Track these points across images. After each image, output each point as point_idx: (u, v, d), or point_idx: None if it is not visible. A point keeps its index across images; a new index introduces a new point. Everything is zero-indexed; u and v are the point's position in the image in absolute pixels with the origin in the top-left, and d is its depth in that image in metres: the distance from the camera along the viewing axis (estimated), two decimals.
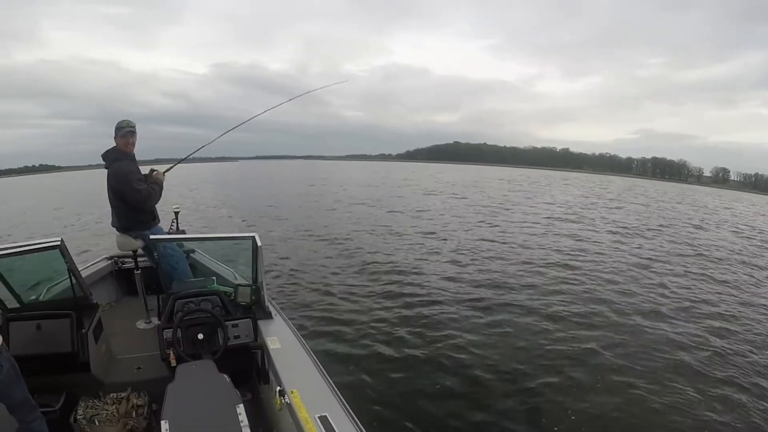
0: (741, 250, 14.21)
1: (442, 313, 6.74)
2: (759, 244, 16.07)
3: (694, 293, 8.73)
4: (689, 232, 17.93)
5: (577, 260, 11.05)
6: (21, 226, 16.98)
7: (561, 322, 6.66)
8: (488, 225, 16.73)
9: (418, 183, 43.05)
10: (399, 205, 23.39)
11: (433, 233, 14.30)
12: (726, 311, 7.62)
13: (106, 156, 3.86)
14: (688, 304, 7.89)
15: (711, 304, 7.97)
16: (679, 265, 11.18)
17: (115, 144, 3.87)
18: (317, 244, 12.16)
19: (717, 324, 6.93)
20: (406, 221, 17.01)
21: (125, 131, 3.84)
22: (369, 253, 11.00)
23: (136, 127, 3.92)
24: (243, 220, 16.80)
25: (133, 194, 3.81)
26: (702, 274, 10.34)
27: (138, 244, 4.01)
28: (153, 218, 4.11)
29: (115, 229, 4.05)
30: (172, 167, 4.57)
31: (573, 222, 18.44)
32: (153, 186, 4.02)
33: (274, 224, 15.67)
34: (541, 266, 10.11)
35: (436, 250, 11.56)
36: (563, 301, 7.66)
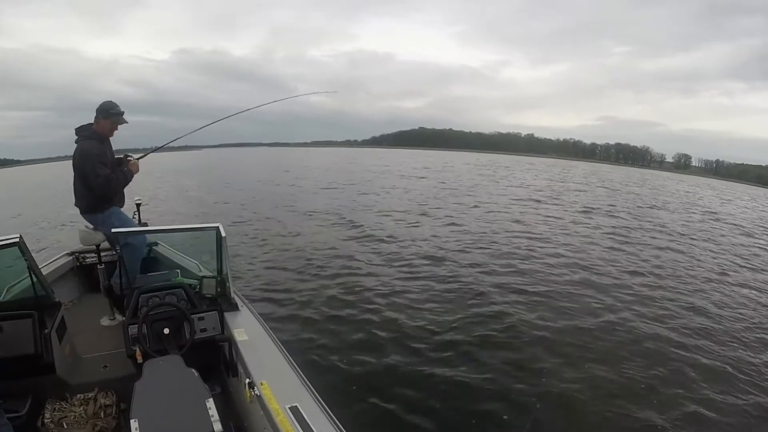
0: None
1: (413, 299, 6.79)
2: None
3: (641, 264, 9.43)
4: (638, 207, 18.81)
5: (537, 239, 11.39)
6: None
7: (523, 297, 7.05)
8: (453, 207, 17.02)
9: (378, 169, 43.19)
10: (366, 189, 23.57)
11: (400, 218, 14.44)
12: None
13: (79, 131, 3.77)
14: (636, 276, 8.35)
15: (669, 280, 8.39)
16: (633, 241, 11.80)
17: (93, 122, 3.80)
18: (283, 232, 12.10)
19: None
20: (372, 206, 17.07)
21: (119, 119, 3.85)
22: (336, 239, 11.02)
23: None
24: (202, 212, 16.35)
25: (93, 177, 3.68)
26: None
27: (101, 238, 3.90)
28: (108, 201, 3.91)
29: (78, 211, 3.99)
30: (145, 155, 4.48)
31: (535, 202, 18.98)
32: (118, 173, 3.88)
33: (238, 213, 15.50)
34: (511, 248, 10.35)
35: (402, 235, 11.65)
36: (529, 278, 7.96)
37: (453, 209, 16.53)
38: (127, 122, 3.91)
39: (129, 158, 4.10)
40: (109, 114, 3.78)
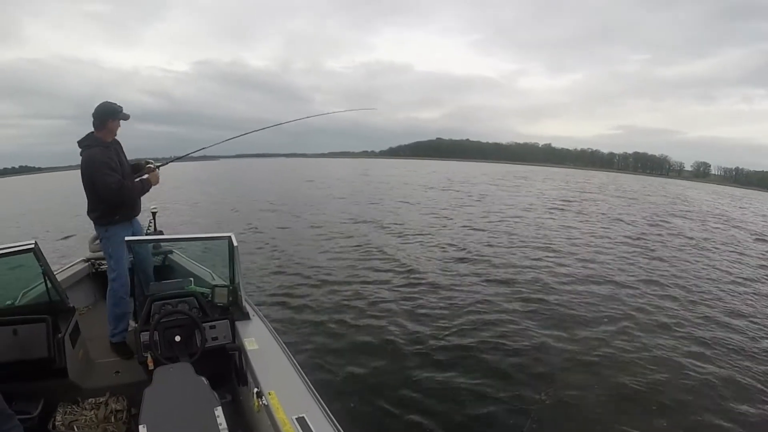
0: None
1: (427, 309, 6.70)
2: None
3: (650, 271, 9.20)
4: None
5: (551, 244, 11.42)
6: None
7: (540, 305, 6.99)
8: (464, 217, 16.86)
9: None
10: (377, 199, 23.43)
11: (413, 228, 14.25)
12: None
13: (81, 141, 3.53)
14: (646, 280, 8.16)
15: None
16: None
17: (93, 130, 3.52)
18: (298, 241, 12.14)
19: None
20: (386, 216, 16.95)
21: (121, 117, 3.57)
22: (352, 250, 10.99)
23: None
24: (217, 222, 16.51)
25: (102, 185, 3.39)
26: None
27: None
28: (118, 211, 3.59)
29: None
30: (165, 163, 4.18)
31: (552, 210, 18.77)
32: (134, 181, 3.65)
33: (255, 221, 15.62)
34: (525, 258, 10.17)
35: (418, 245, 11.58)
36: (548, 285, 7.87)
37: (471, 219, 16.39)
38: (129, 116, 3.66)
39: (149, 164, 3.88)
40: (118, 114, 3.56)
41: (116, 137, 3.69)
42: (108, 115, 3.52)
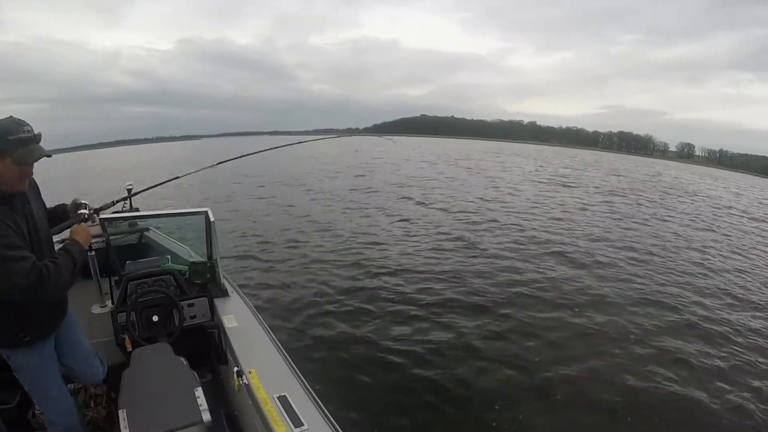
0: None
1: (405, 288, 6.65)
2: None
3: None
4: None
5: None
6: None
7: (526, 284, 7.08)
8: (444, 197, 16.68)
9: None
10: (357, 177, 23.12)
11: (391, 207, 14.12)
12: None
13: None
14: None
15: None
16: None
17: None
18: (277, 216, 12.13)
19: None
20: (363, 195, 16.69)
21: (29, 156, 1.77)
22: (328, 226, 10.93)
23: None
24: (202, 197, 16.33)
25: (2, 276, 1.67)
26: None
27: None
28: (18, 330, 2.02)
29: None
30: (113, 203, 3.22)
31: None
32: (59, 258, 1.87)
33: (231, 198, 15.57)
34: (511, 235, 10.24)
35: (396, 224, 11.50)
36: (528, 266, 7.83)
37: (451, 196, 16.37)
38: (47, 155, 1.83)
39: (82, 211, 2.31)
40: (8, 152, 1.70)
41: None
42: None
